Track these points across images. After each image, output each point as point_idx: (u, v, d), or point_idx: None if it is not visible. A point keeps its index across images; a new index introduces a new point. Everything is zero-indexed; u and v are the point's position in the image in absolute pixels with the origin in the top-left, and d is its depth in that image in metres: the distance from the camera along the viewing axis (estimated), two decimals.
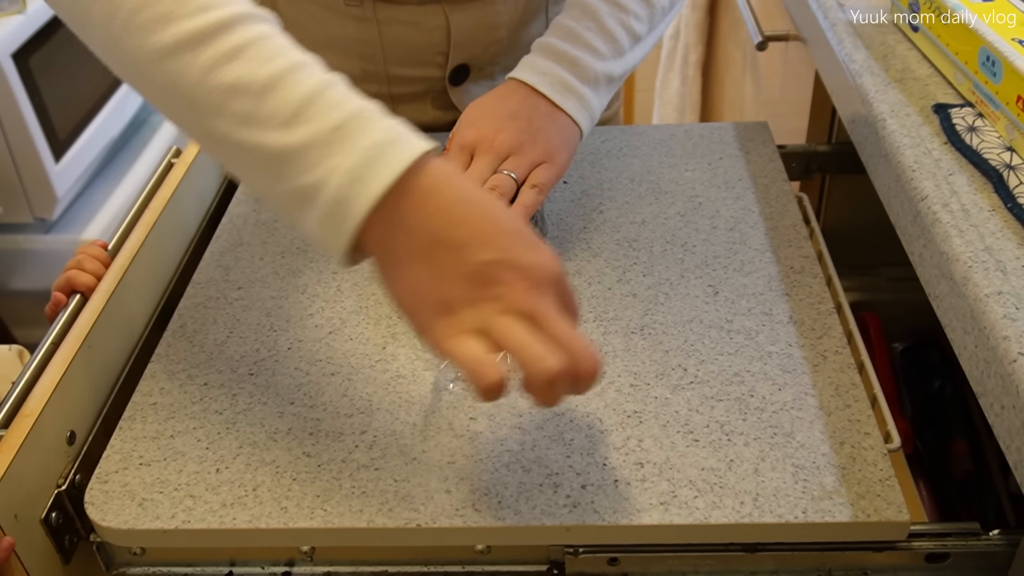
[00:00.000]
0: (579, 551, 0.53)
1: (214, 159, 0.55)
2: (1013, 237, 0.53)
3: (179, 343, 0.66)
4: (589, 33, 0.70)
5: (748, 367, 0.60)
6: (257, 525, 0.52)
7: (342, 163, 0.46)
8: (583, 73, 0.69)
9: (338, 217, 0.46)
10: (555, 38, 0.70)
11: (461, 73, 0.85)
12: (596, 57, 0.70)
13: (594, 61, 0.70)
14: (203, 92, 0.48)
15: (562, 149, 0.69)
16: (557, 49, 0.70)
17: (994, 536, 0.52)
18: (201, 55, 0.48)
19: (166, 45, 0.48)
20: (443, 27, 0.81)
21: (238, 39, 0.48)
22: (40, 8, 1.65)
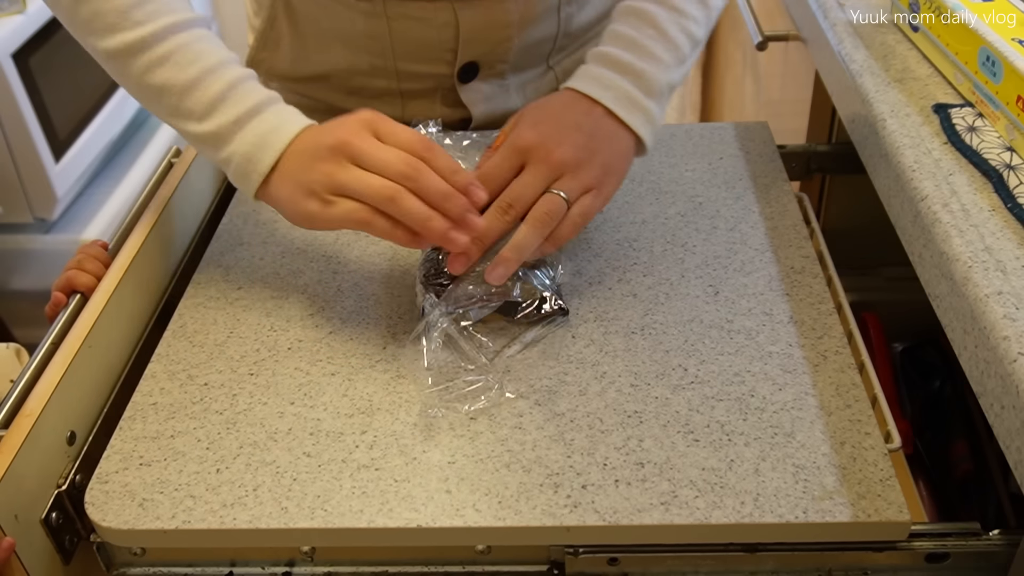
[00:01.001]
0: (579, 551, 0.53)
1: None
2: (1013, 237, 0.53)
3: (179, 343, 0.66)
4: (651, 42, 0.66)
5: (748, 367, 0.60)
6: (257, 525, 0.52)
7: (239, 148, 0.63)
8: (648, 86, 0.66)
9: (243, 181, 0.64)
10: (617, 48, 0.67)
11: (470, 71, 0.85)
12: (660, 67, 0.66)
13: (659, 72, 0.66)
14: (141, 88, 0.64)
15: (615, 173, 0.66)
16: (620, 60, 0.66)
17: (994, 536, 0.53)
18: (138, 60, 0.63)
19: (112, 49, 0.64)
20: (452, 24, 0.81)
21: (166, 48, 0.63)
22: (40, 8, 1.65)
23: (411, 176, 0.59)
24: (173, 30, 0.63)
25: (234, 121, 0.63)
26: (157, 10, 0.63)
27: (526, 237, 0.61)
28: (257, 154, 0.62)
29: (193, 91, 0.63)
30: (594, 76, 0.66)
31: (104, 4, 0.63)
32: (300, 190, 0.61)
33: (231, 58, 0.65)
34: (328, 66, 0.86)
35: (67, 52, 1.73)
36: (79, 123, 1.76)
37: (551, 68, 0.90)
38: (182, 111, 0.64)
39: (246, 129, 0.63)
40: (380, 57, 0.84)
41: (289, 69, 0.89)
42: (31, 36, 1.62)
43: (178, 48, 0.63)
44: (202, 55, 0.63)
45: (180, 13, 0.64)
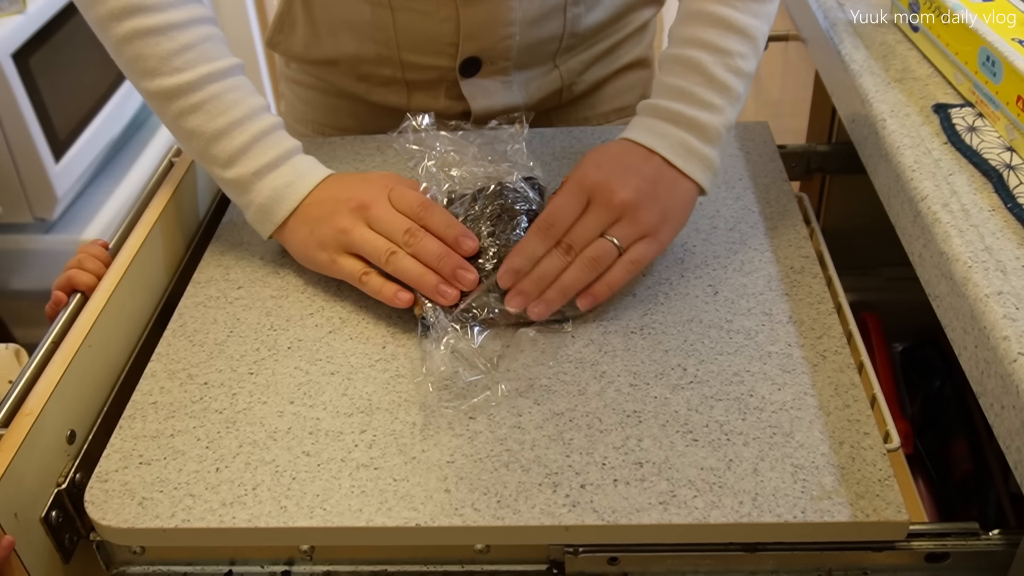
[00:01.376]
0: (579, 551, 0.53)
1: None
2: (1013, 237, 0.53)
3: (179, 342, 0.66)
4: (700, 89, 0.66)
5: (748, 367, 0.60)
6: (256, 524, 0.52)
7: (255, 199, 0.69)
8: (704, 132, 0.66)
9: (258, 226, 0.71)
10: (667, 99, 0.66)
11: (472, 65, 0.86)
12: (714, 112, 0.66)
13: (712, 117, 0.66)
14: (174, 128, 0.69)
15: (673, 221, 0.66)
16: (671, 110, 0.66)
17: (994, 536, 0.52)
18: (173, 104, 0.68)
19: (150, 91, 0.68)
20: (453, 19, 0.81)
21: (199, 97, 0.67)
22: (40, 8, 1.65)
23: (410, 242, 0.64)
24: (208, 80, 0.67)
25: (254, 173, 0.68)
26: (196, 59, 0.67)
27: (573, 279, 0.63)
28: (272, 206, 0.68)
29: (220, 140, 0.68)
30: (647, 126, 0.67)
31: (146, 48, 0.67)
32: (313, 240, 0.68)
33: (259, 108, 0.69)
34: (337, 52, 0.88)
35: (67, 52, 1.73)
36: (79, 123, 1.76)
37: (557, 67, 0.90)
38: (208, 156, 0.69)
39: (264, 181, 0.68)
40: (385, 47, 0.85)
41: (303, 52, 0.91)
42: (31, 36, 1.62)
43: (211, 98, 0.67)
44: (232, 107, 0.68)
45: (217, 62, 0.68)
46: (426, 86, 0.88)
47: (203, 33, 0.68)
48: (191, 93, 0.67)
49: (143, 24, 0.66)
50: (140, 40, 0.67)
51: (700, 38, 0.66)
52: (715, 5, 0.67)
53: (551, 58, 0.89)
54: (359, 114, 0.93)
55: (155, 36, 0.66)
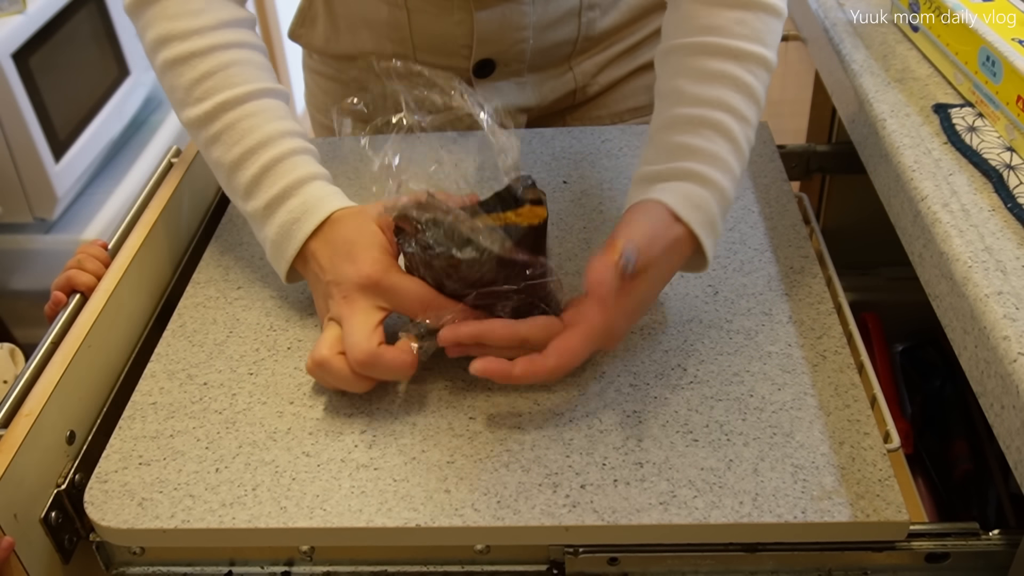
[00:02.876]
0: (579, 551, 0.53)
1: None
2: (1013, 237, 0.53)
3: (179, 342, 0.66)
4: (729, 156, 0.60)
5: (747, 367, 0.60)
6: (256, 525, 0.52)
7: (269, 234, 0.64)
8: (725, 202, 0.61)
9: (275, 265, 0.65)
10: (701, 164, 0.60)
11: (486, 67, 0.86)
12: (733, 182, 0.61)
13: (731, 187, 0.61)
14: (206, 158, 0.67)
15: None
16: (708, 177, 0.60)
17: (994, 536, 0.52)
18: (199, 136, 0.66)
19: (183, 122, 0.66)
20: (467, 21, 0.82)
21: (218, 127, 0.64)
22: (40, 8, 1.65)
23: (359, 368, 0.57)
24: (225, 108, 0.64)
25: (265, 207, 0.63)
26: (215, 87, 0.64)
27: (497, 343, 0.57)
28: (283, 243, 0.63)
29: (236, 172, 0.64)
30: (686, 194, 0.59)
31: (175, 80, 0.65)
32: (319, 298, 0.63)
33: (276, 134, 0.64)
34: (356, 48, 0.89)
35: (67, 52, 1.73)
36: (79, 123, 1.76)
37: (571, 69, 0.90)
38: (231, 188, 0.66)
39: (277, 215, 0.63)
40: (401, 46, 0.86)
41: (323, 46, 0.92)
42: (31, 36, 1.62)
43: (227, 127, 0.64)
44: (246, 135, 0.64)
45: (237, 88, 0.64)
46: None
47: (228, 59, 0.65)
48: (210, 123, 0.64)
49: (171, 54, 0.65)
50: (171, 70, 0.65)
51: (727, 102, 0.61)
52: (739, 69, 0.61)
53: (565, 61, 0.89)
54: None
55: (180, 66, 0.65)
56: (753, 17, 0.62)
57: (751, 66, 0.61)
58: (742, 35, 0.61)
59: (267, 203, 0.63)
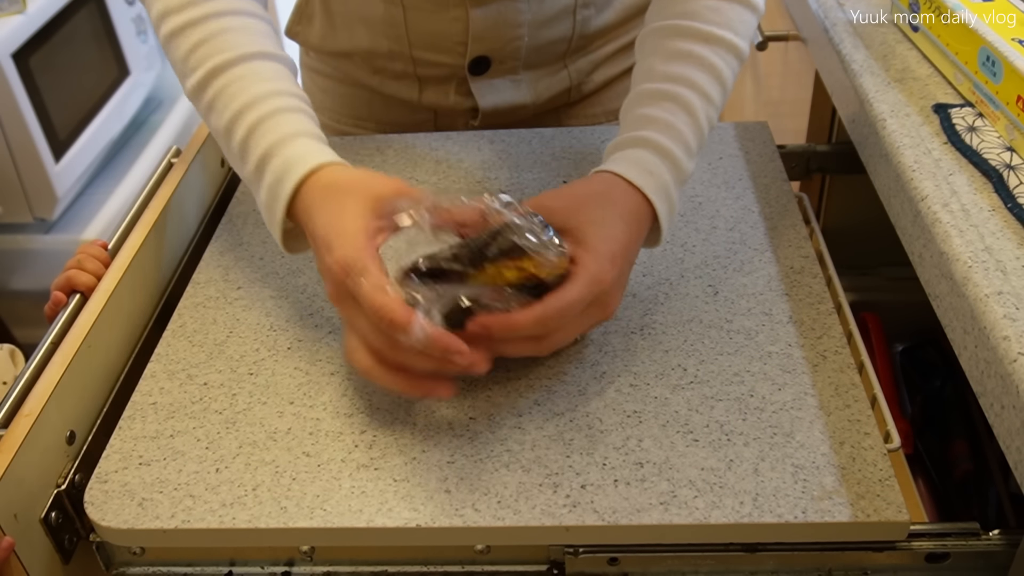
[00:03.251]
0: (579, 551, 0.53)
1: None
2: (1013, 237, 0.53)
3: (179, 343, 0.66)
4: (687, 129, 0.63)
5: (748, 367, 0.60)
6: (257, 525, 0.52)
7: (262, 198, 0.61)
8: (680, 174, 0.62)
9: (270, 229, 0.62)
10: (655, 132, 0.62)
11: (482, 64, 0.86)
12: (689, 156, 0.63)
13: (688, 161, 0.63)
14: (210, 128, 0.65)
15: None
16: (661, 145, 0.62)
17: (994, 536, 0.52)
18: (199, 105, 0.64)
19: (186, 94, 0.65)
20: (463, 18, 0.82)
21: (211, 93, 0.62)
22: (40, 8, 1.65)
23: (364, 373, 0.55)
24: (215, 73, 0.62)
25: (255, 170, 0.61)
26: (207, 54, 0.63)
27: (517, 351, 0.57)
28: (272, 205, 0.60)
29: (230, 137, 0.62)
30: (637, 160, 0.62)
31: (175, 53, 0.64)
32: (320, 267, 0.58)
33: (263, 94, 0.62)
34: (352, 45, 0.89)
35: (67, 52, 1.73)
36: (79, 123, 1.76)
37: (566, 67, 0.90)
38: (230, 155, 0.63)
39: (264, 176, 0.60)
40: (397, 43, 0.86)
41: (320, 43, 0.92)
42: (31, 36, 1.62)
43: (219, 92, 0.62)
44: (235, 97, 0.61)
45: (226, 53, 0.62)
46: (437, 82, 0.89)
47: (221, 26, 0.63)
48: (204, 91, 0.63)
49: (170, 26, 0.64)
50: (170, 44, 0.64)
51: (691, 79, 0.63)
52: (706, 50, 0.64)
53: (560, 58, 0.89)
54: (374, 104, 0.93)
55: (177, 37, 0.64)
56: (728, 7, 0.65)
57: (719, 50, 0.64)
58: (714, 21, 0.64)
59: (256, 165, 0.60)
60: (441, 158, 0.84)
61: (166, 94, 2.11)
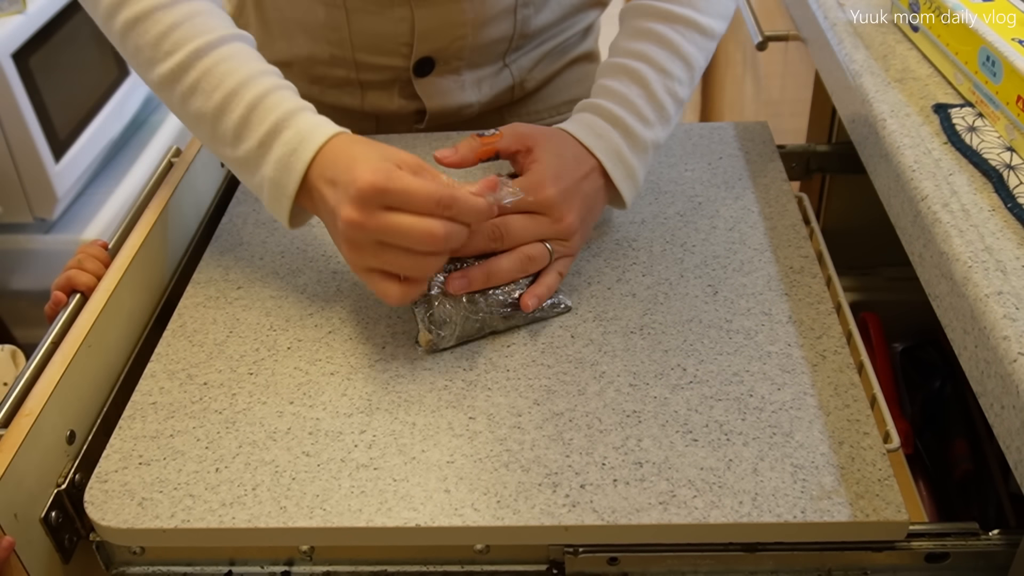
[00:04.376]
0: (579, 551, 0.53)
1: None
2: (1013, 237, 0.53)
3: (179, 342, 0.66)
4: (639, 100, 0.68)
5: (747, 367, 0.60)
6: (256, 524, 0.52)
7: (267, 172, 0.61)
8: (635, 143, 0.68)
9: (274, 208, 0.63)
10: (607, 101, 0.68)
11: (425, 65, 0.86)
12: (647, 126, 0.68)
13: (644, 129, 0.68)
14: (184, 118, 0.65)
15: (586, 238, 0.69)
16: (611, 112, 0.68)
17: (994, 536, 0.52)
18: (174, 92, 0.63)
19: (153, 83, 0.64)
20: (408, 19, 0.82)
21: (194, 76, 0.62)
22: (40, 8, 1.65)
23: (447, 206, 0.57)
24: (198, 55, 0.62)
25: (258, 145, 0.61)
26: (185, 36, 0.62)
27: (504, 268, 0.63)
28: (282, 179, 0.61)
29: (221, 118, 0.62)
30: (588, 124, 0.68)
31: (141, 38, 0.63)
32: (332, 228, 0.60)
33: (255, 73, 0.63)
34: (291, 54, 0.88)
35: (67, 52, 1.73)
36: (79, 123, 1.76)
37: (507, 66, 0.91)
38: (216, 139, 0.63)
39: (271, 151, 0.61)
40: (339, 48, 0.85)
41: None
42: (31, 36, 1.62)
43: (204, 74, 0.62)
44: (225, 77, 0.62)
45: (205, 35, 0.63)
46: (380, 86, 0.89)
47: (191, 9, 0.63)
48: (184, 74, 0.62)
49: (131, 13, 0.63)
50: (132, 30, 0.63)
51: (647, 55, 0.69)
52: (665, 28, 0.69)
53: (501, 57, 0.90)
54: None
55: (143, 23, 0.63)
56: None
57: (679, 27, 0.70)
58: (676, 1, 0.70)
59: (260, 141, 0.61)
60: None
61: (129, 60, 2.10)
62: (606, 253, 0.71)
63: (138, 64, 0.65)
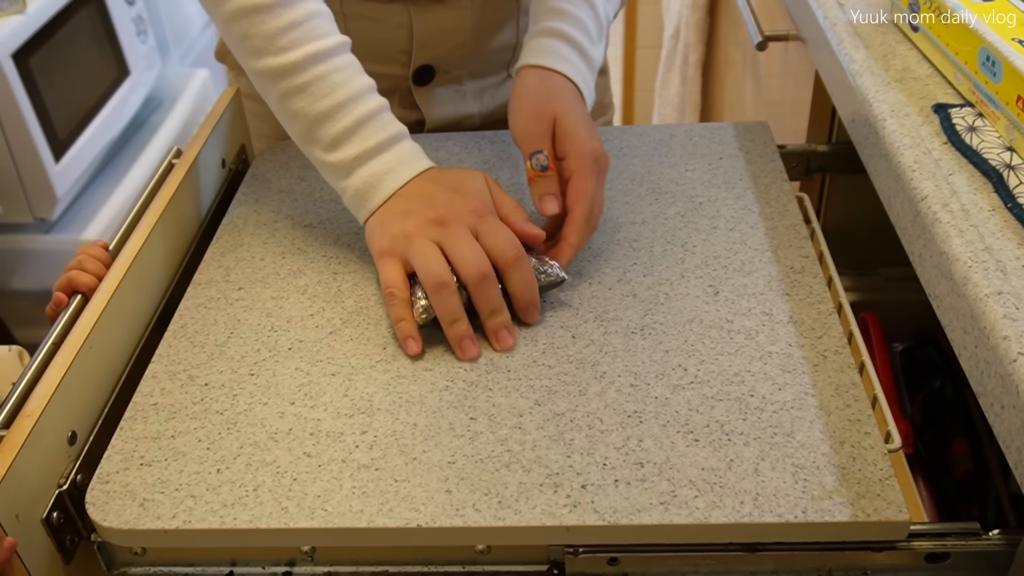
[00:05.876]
0: (579, 551, 0.53)
1: None
2: (1013, 237, 0.53)
3: (180, 343, 0.66)
4: (588, 19, 0.72)
5: (748, 367, 0.60)
6: (258, 525, 0.52)
7: (353, 184, 0.67)
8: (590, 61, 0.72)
9: (355, 211, 0.69)
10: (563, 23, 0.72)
11: (425, 74, 0.85)
12: (592, 43, 0.73)
13: (591, 47, 0.73)
14: (278, 108, 0.69)
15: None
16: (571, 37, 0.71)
17: (994, 536, 0.53)
18: (279, 85, 0.67)
19: (256, 71, 0.68)
20: (406, 26, 0.81)
21: (305, 78, 0.66)
22: (40, 8, 1.65)
23: (475, 284, 0.62)
24: (314, 60, 0.66)
25: (354, 158, 0.66)
26: (301, 37, 0.66)
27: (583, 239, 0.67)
28: (368, 192, 0.67)
29: (323, 123, 0.66)
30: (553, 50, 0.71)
31: (252, 27, 0.66)
32: (384, 231, 0.66)
33: (364, 90, 0.67)
34: None
35: (67, 52, 1.73)
36: (79, 123, 1.76)
37: (510, 76, 0.90)
38: (311, 139, 0.68)
39: (365, 167, 0.66)
40: None
41: None
42: (31, 36, 1.62)
43: (316, 79, 0.66)
44: (337, 88, 0.66)
45: (323, 40, 0.66)
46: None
47: (309, 10, 0.67)
48: (296, 74, 0.66)
49: (250, 2, 0.65)
50: (246, 18, 0.66)
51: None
52: None
53: (505, 67, 0.89)
54: None
55: (261, 14, 0.65)
56: None
57: None
58: None
59: (357, 155, 0.66)
60: (443, 159, 0.84)
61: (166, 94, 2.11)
62: (607, 253, 0.71)
63: (241, 49, 0.68)
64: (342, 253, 0.74)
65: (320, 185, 0.83)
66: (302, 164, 0.86)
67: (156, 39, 2.08)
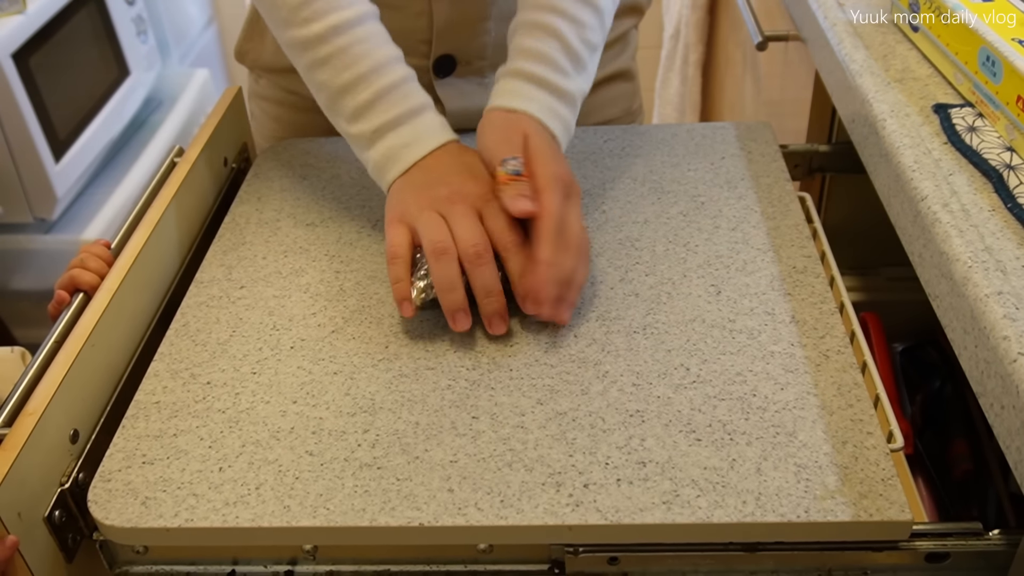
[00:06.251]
0: (579, 550, 0.53)
1: None
2: (1013, 237, 0.53)
3: (182, 342, 0.66)
4: (557, 54, 0.70)
5: (750, 366, 0.60)
6: (260, 524, 0.52)
7: (374, 155, 0.69)
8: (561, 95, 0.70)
9: (377, 178, 0.70)
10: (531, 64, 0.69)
11: (446, 64, 0.85)
12: (565, 78, 0.70)
13: (564, 81, 0.70)
14: (307, 78, 0.70)
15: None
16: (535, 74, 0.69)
17: (994, 536, 0.53)
18: (304, 56, 0.68)
19: (285, 41, 0.69)
20: (426, 13, 0.81)
21: (327, 50, 0.67)
22: (40, 8, 1.66)
23: (471, 260, 0.62)
24: (337, 31, 0.66)
25: (374, 130, 0.67)
26: (325, 8, 0.66)
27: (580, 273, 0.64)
28: (387, 165, 0.68)
29: (345, 95, 0.67)
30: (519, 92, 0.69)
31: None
32: (399, 200, 0.67)
33: (386, 61, 0.68)
34: None
35: (67, 52, 1.73)
36: (79, 123, 1.76)
37: None
38: (335, 110, 0.69)
39: (384, 139, 0.68)
40: None
41: (272, 60, 0.90)
42: (31, 36, 1.62)
43: (338, 51, 0.67)
44: (359, 60, 0.67)
45: (345, 11, 0.67)
46: None
47: None
48: (319, 45, 0.67)
49: None
50: None
51: (557, 6, 0.70)
52: None
53: None
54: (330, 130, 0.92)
55: None
56: None
57: None
58: None
59: (377, 127, 0.67)
60: None
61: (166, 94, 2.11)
62: (609, 253, 0.71)
63: (273, 19, 0.69)
64: (344, 252, 0.74)
65: (322, 184, 0.83)
66: (304, 163, 0.86)
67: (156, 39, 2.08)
